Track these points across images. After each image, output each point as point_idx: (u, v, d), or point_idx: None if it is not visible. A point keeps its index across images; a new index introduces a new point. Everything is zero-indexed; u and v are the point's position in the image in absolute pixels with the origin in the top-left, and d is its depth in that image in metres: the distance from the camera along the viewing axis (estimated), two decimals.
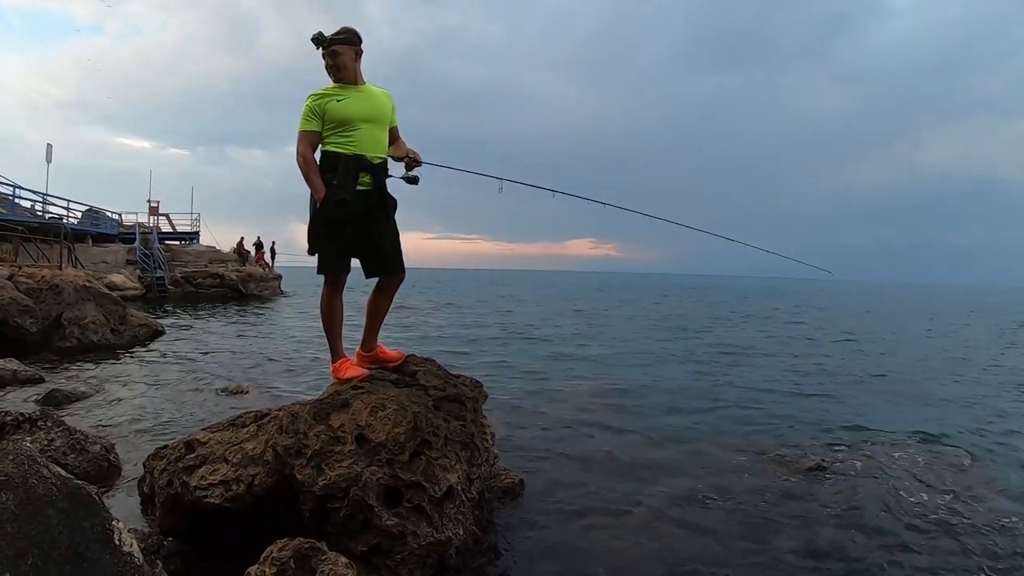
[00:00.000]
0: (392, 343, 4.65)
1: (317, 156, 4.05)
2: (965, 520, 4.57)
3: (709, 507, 4.72)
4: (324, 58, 4.05)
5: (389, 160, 4.23)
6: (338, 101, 3.98)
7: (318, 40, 4.01)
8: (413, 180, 4.38)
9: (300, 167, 4.00)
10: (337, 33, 4.04)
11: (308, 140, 3.99)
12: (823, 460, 5.66)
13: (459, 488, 3.49)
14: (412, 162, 4.36)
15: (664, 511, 4.61)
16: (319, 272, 4.08)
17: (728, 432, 6.90)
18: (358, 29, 4.10)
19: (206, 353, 11.78)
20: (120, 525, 2.38)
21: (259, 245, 37.68)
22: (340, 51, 4.02)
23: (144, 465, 4.02)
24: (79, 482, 2.44)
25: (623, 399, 8.30)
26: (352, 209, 3.93)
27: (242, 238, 36.90)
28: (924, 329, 23.20)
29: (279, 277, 36.20)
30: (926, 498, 4.97)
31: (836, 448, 6.30)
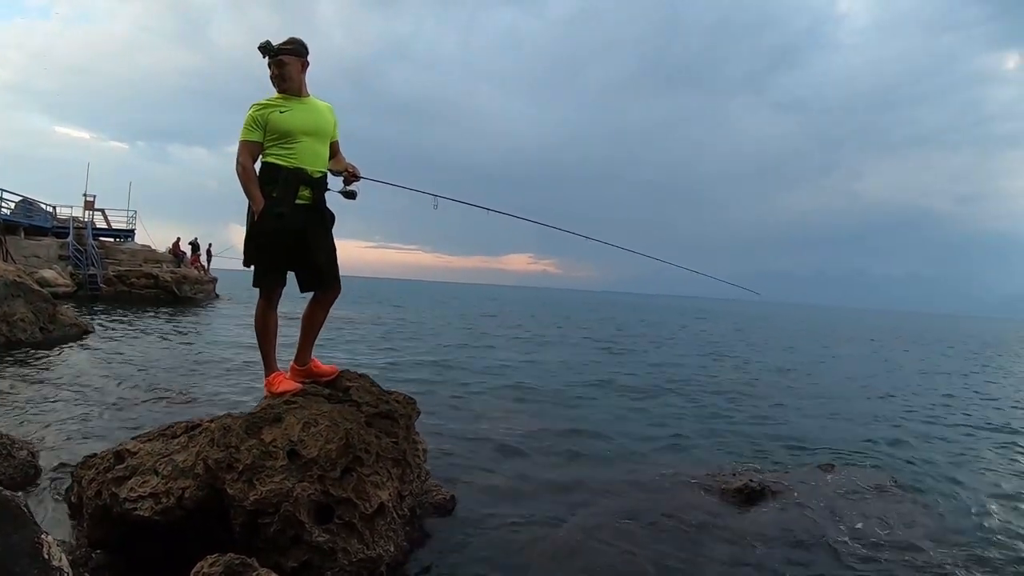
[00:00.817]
0: (326, 358, 4.67)
1: (257, 167, 4.05)
2: (884, 543, 4.79)
3: (639, 526, 4.84)
4: (270, 67, 4.04)
5: (328, 174, 4.27)
6: (281, 112, 3.99)
7: (265, 49, 4.00)
8: (351, 195, 4.43)
9: (239, 177, 3.97)
10: (285, 43, 4.03)
11: (249, 150, 3.97)
12: (751, 481, 5.81)
13: (390, 505, 3.56)
14: (351, 176, 4.42)
15: (594, 529, 4.71)
16: (255, 285, 4.08)
17: (659, 453, 7.09)
18: (310, 30, 4.06)
19: (137, 356, 11.53)
20: (49, 539, 2.39)
21: (195, 246, 36.80)
22: (287, 61, 4.02)
23: (72, 474, 3.97)
24: (7, 493, 2.43)
25: (557, 420, 8.40)
26: (290, 223, 3.95)
27: (178, 238, 35.99)
28: (857, 352, 23.92)
29: (215, 280, 35.50)
30: (849, 522, 5.18)
31: (766, 470, 6.52)
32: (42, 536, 2.37)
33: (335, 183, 4.35)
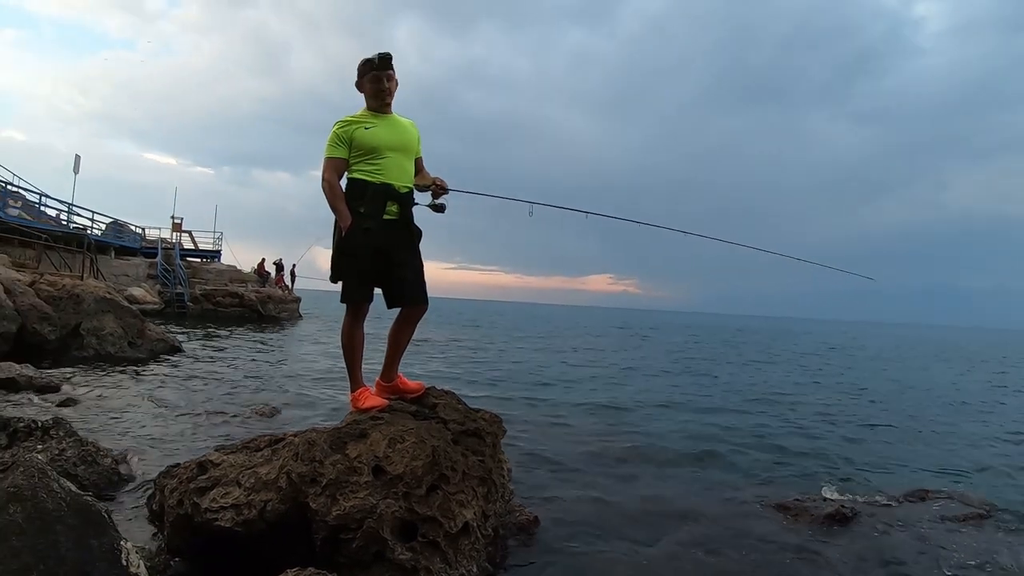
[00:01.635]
0: (412, 375, 4.58)
1: (343, 183, 4.02)
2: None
3: (726, 552, 4.56)
4: (380, 81, 4.00)
5: (414, 190, 4.19)
6: (366, 129, 3.95)
7: (389, 59, 3.99)
8: (440, 208, 4.33)
9: (325, 193, 3.96)
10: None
11: (334, 167, 3.95)
12: (842, 506, 5.49)
13: (475, 524, 3.41)
14: (439, 190, 4.32)
15: (680, 556, 4.45)
16: (342, 301, 4.04)
17: (747, 476, 6.75)
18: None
19: (222, 372, 11.76)
20: (128, 545, 2.32)
21: (280, 266, 37.77)
22: (394, 76, 4.03)
23: (155, 482, 3.95)
24: (89, 499, 2.38)
25: (640, 442, 8.15)
26: (377, 238, 3.89)
27: (263, 259, 37.03)
28: (955, 374, 22.81)
29: (298, 300, 36.26)
30: (950, 549, 4.81)
31: (858, 494, 6.13)
32: (121, 543, 2.30)
33: (422, 198, 4.27)
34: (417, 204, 4.18)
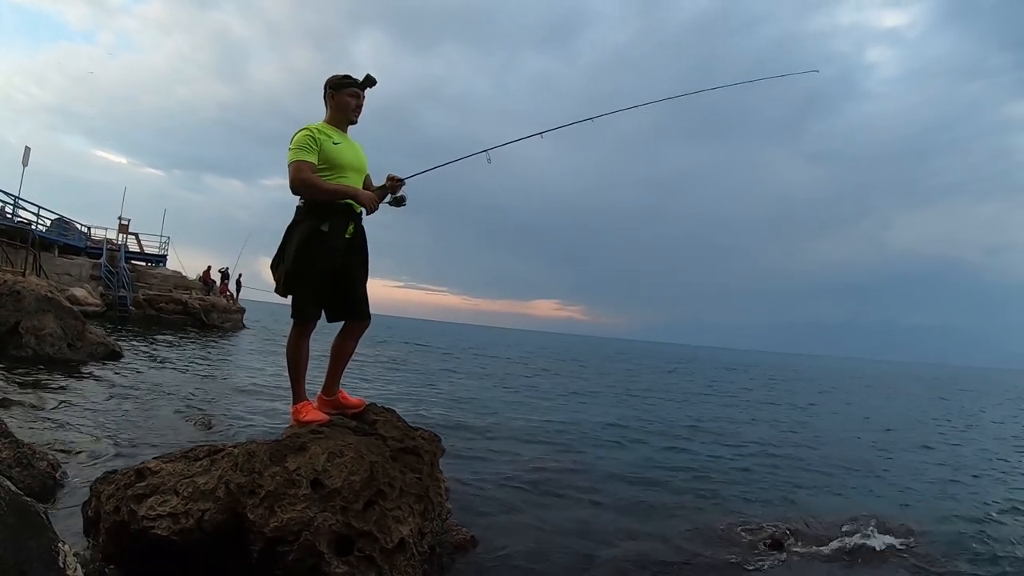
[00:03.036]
0: (353, 390, 4.63)
1: (297, 198, 4.04)
2: None
3: (665, 574, 4.71)
4: (359, 97, 4.12)
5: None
6: (334, 144, 3.98)
7: (375, 82, 4.08)
8: (401, 201, 4.33)
9: (308, 189, 3.89)
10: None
11: (310, 168, 3.87)
12: (776, 530, 5.67)
13: (411, 541, 3.47)
14: (395, 183, 4.32)
15: None
16: (294, 316, 4.05)
17: (686, 500, 6.94)
18: (347, 69, 4.11)
19: (162, 379, 11.55)
20: (66, 548, 2.34)
21: (225, 275, 37.24)
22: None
23: (91, 488, 3.91)
24: (27, 499, 2.39)
25: (582, 464, 8.25)
26: (339, 259, 3.96)
27: (209, 267, 36.42)
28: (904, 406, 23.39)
29: (243, 310, 35.71)
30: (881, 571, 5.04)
31: (791, 520, 6.33)
32: (59, 544, 2.31)
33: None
34: (386, 202, 4.23)
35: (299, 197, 3.98)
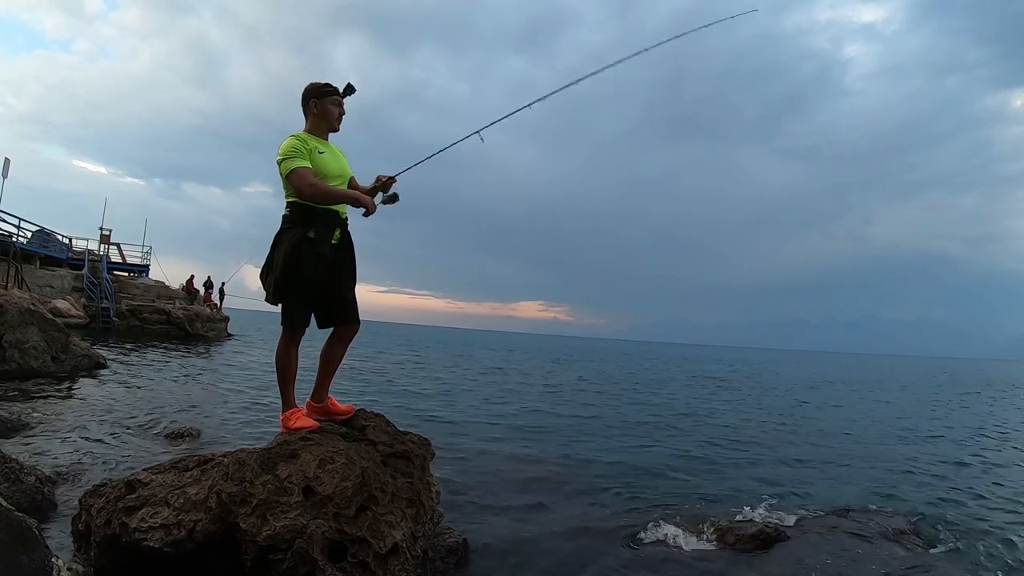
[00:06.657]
0: (343, 396, 4.63)
1: (285, 204, 4.04)
2: None
3: (658, 573, 4.73)
4: (341, 106, 4.13)
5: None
6: (320, 153, 3.99)
7: (355, 90, 4.10)
8: (394, 198, 4.33)
9: (317, 195, 3.90)
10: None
11: (312, 174, 3.89)
12: (766, 527, 5.70)
13: (404, 545, 3.48)
14: (386, 181, 4.32)
15: None
16: (283, 323, 4.05)
17: (677, 498, 6.96)
18: (326, 73, 4.07)
19: (149, 390, 11.47)
20: (59, 562, 2.34)
21: (209, 284, 37.06)
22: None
23: (80, 502, 3.91)
24: (19, 514, 2.39)
25: (569, 466, 8.27)
26: (328, 264, 3.97)
27: (192, 276, 36.29)
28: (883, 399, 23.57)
29: (227, 319, 35.49)
30: (871, 564, 5.06)
31: (780, 514, 6.39)
32: (52, 559, 2.31)
33: (376, 197, 4.27)
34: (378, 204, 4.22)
35: (297, 202, 3.97)
